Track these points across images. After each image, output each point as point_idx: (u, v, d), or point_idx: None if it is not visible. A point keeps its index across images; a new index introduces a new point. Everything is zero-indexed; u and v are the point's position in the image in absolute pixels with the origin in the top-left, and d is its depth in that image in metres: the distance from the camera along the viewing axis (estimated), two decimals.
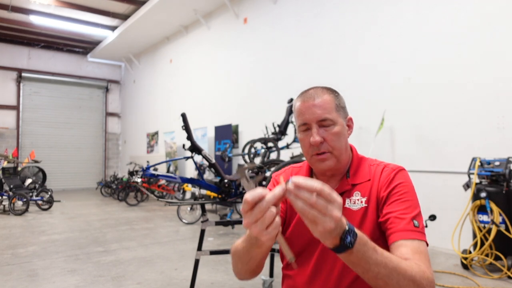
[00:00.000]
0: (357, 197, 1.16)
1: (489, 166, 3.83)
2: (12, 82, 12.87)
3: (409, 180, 1.16)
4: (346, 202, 1.16)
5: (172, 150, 10.60)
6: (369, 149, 5.15)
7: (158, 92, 12.18)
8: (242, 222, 3.66)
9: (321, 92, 1.17)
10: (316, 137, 1.12)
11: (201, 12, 9.38)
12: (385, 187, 1.14)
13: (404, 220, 1.06)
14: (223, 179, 4.13)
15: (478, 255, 3.67)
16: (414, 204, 1.11)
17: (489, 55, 4.32)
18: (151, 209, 8.47)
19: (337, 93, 1.21)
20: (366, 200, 1.15)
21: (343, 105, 1.20)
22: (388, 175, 1.16)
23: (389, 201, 1.11)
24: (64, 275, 3.73)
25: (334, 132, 1.14)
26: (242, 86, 8.33)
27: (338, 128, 1.14)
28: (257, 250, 1.01)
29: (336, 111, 1.15)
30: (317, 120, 1.13)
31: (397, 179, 1.14)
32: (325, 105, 1.14)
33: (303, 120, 1.16)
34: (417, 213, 1.09)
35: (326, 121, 1.13)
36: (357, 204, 1.15)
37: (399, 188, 1.12)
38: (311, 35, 6.62)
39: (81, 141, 14.23)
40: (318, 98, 1.14)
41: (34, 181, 9.61)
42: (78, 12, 10.19)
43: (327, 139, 1.14)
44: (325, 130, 1.14)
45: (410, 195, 1.12)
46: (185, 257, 4.39)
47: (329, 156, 1.15)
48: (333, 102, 1.15)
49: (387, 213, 1.10)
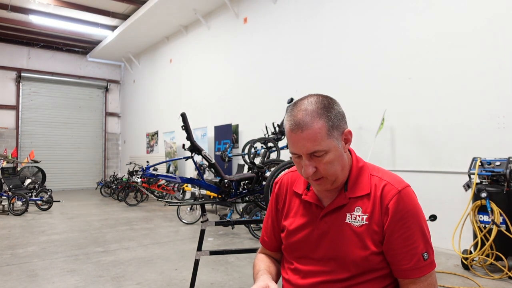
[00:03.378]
0: (358, 212, 1.13)
1: (489, 166, 3.83)
2: (12, 82, 12.86)
3: (414, 202, 1.11)
4: (347, 217, 1.14)
5: (172, 150, 10.58)
6: (369, 149, 5.14)
7: (158, 92, 12.17)
8: (242, 222, 3.67)
9: (310, 118, 1.06)
10: (308, 169, 1.09)
11: (201, 12, 9.37)
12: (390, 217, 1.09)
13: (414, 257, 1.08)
14: (223, 179, 4.12)
15: (478, 255, 3.66)
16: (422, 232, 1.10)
17: (490, 55, 4.31)
18: (151, 209, 8.46)
19: (330, 109, 1.09)
20: (367, 217, 1.12)
21: (337, 123, 1.09)
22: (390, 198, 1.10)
23: (396, 234, 1.09)
24: (63, 275, 3.72)
25: (326, 161, 1.09)
26: (242, 86, 8.32)
27: (331, 156, 1.09)
28: None
29: (328, 137, 1.07)
30: (307, 153, 1.08)
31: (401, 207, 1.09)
32: (315, 136, 1.05)
33: (293, 151, 1.11)
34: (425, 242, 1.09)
35: (317, 152, 1.08)
36: (358, 220, 1.13)
37: (405, 220, 1.08)
38: (311, 35, 6.62)
39: (81, 141, 14.21)
40: (307, 129, 1.05)
41: (33, 181, 9.58)
42: (78, 11, 10.18)
43: (320, 169, 1.10)
44: (317, 159, 1.09)
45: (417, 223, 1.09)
46: (185, 257, 4.38)
47: (324, 180, 1.12)
48: (323, 129, 1.06)
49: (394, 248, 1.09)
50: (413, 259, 1.07)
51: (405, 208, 1.09)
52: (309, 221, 1.20)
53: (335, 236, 1.14)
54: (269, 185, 3.64)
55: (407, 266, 1.08)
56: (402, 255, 1.08)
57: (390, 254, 1.10)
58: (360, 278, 1.11)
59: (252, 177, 4.18)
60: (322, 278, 1.14)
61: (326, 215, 1.17)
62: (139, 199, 9.31)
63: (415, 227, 1.08)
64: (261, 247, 1.41)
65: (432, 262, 1.09)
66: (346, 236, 1.12)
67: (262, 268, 1.26)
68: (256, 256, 1.38)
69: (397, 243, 1.08)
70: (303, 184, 1.26)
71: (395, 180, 1.14)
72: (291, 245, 1.23)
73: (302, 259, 1.19)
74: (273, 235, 1.34)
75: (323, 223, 1.17)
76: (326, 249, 1.15)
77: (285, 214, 1.28)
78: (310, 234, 1.18)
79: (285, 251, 1.27)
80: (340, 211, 1.15)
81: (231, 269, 3.89)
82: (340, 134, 1.10)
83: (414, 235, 1.08)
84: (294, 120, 1.08)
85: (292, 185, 1.30)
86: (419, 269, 1.07)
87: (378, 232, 1.10)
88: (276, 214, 1.33)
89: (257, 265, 1.31)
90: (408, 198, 1.10)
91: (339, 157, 1.11)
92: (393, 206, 1.09)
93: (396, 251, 1.09)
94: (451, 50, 4.66)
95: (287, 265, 1.25)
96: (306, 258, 1.18)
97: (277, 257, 1.36)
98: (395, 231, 1.08)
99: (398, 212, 1.08)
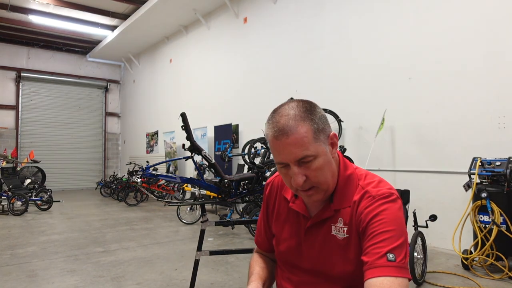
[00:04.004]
0: (341, 224, 1.08)
1: (490, 166, 3.82)
2: (11, 81, 12.85)
3: (393, 207, 1.01)
4: (332, 229, 1.09)
5: (172, 150, 10.58)
6: (369, 149, 5.14)
7: (157, 92, 12.17)
8: (242, 222, 3.67)
9: (294, 122, 0.98)
10: (298, 178, 1.01)
11: (201, 11, 9.36)
12: (363, 221, 1.02)
13: (377, 254, 0.94)
14: (223, 179, 4.12)
15: (479, 255, 3.65)
16: (396, 235, 0.96)
17: (490, 55, 4.31)
18: (150, 209, 8.46)
19: (313, 112, 1.02)
20: (347, 230, 1.06)
21: (322, 126, 1.02)
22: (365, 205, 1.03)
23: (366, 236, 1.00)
24: (63, 275, 3.71)
25: (316, 167, 1.01)
26: (242, 86, 8.32)
27: (320, 160, 1.01)
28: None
29: (315, 141, 0.99)
30: (295, 160, 1.00)
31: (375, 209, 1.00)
32: (302, 140, 0.98)
33: (280, 160, 1.02)
34: (397, 245, 0.95)
35: (306, 158, 0.99)
36: (340, 232, 1.08)
37: (376, 219, 0.99)
38: (311, 35, 6.61)
39: (81, 141, 14.20)
40: (292, 134, 0.97)
41: (33, 181, 9.58)
42: (78, 11, 10.17)
43: (310, 176, 1.01)
44: (306, 167, 1.01)
45: (390, 224, 0.97)
46: (185, 257, 4.37)
47: (316, 190, 1.05)
48: (310, 132, 0.99)
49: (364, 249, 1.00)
50: (374, 257, 0.95)
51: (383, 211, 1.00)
52: (296, 231, 1.17)
53: (321, 248, 1.11)
54: None
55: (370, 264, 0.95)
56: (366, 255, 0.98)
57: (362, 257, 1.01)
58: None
59: (252, 177, 4.17)
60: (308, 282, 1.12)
61: (312, 226, 1.13)
62: (139, 199, 9.31)
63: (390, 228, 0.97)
64: (256, 247, 1.40)
65: (401, 268, 0.93)
66: (331, 249, 1.09)
67: (254, 273, 1.24)
68: (252, 257, 1.37)
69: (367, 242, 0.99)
70: None
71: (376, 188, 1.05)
72: (281, 254, 1.21)
73: (293, 269, 1.18)
74: (265, 237, 1.33)
75: (309, 235, 1.13)
76: (313, 261, 1.12)
77: (275, 218, 1.25)
78: (298, 245, 1.16)
79: (277, 258, 1.25)
80: (325, 223, 1.11)
81: (231, 269, 3.89)
82: (326, 137, 1.04)
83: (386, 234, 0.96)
84: (277, 126, 1.00)
85: (282, 189, 1.25)
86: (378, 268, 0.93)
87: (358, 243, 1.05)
88: (267, 218, 1.30)
89: (251, 267, 1.30)
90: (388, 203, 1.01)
91: (328, 162, 1.04)
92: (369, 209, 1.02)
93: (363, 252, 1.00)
94: (451, 50, 4.65)
95: (281, 272, 1.23)
96: (296, 268, 1.17)
97: (272, 257, 1.35)
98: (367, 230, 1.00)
99: (373, 212, 1.00)
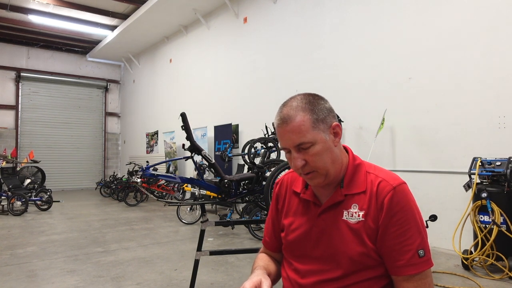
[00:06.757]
0: (355, 209, 1.14)
1: (490, 166, 3.82)
2: (11, 81, 12.84)
3: (410, 199, 1.11)
4: (344, 214, 1.15)
5: (172, 150, 10.58)
6: (369, 149, 5.14)
7: (157, 92, 12.16)
8: (242, 222, 3.67)
9: (294, 112, 1.10)
10: (297, 162, 1.12)
11: (201, 11, 9.36)
12: (384, 213, 1.09)
13: (409, 253, 1.06)
14: (223, 179, 4.11)
15: (479, 255, 3.65)
16: (418, 229, 1.08)
17: (490, 55, 4.31)
18: (150, 210, 8.46)
19: (314, 103, 1.13)
20: (363, 214, 1.12)
21: (322, 117, 1.12)
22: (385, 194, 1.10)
23: (390, 230, 1.08)
24: (63, 275, 3.71)
25: (314, 153, 1.10)
26: (242, 86, 8.31)
27: (318, 147, 1.10)
28: None
29: (313, 129, 1.09)
30: (293, 145, 1.11)
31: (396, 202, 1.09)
32: (299, 128, 1.09)
33: (282, 145, 1.15)
34: (421, 239, 1.08)
35: (304, 144, 1.10)
36: (354, 217, 1.14)
37: (400, 215, 1.08)
38: (311, 35, 6.61)
39: (81, 141, 14.20)
40: (291, 122, 1.10)
41: (33, 181, 9.56)
42: (77, 11, 10.17)
43: (309, 161, 1.11)
44: (305, 152, 1.11)
45: (412, 219, 1.09)
46: (184, 257, 4.37)
47: (315, 174, 1.14)
48: (308, 122, 1.09)
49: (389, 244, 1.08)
50: (407, 255, 1.06)
51: (400, 204, 1.08)
52: (308, 219, 1.22)
53: (332, 233, 1.15)
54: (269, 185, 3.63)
55: (401, 262, 1.06)
56: (396, 251, 1.07)
57: (385, 251, 1.09)
58: (358, 277, 1.11)
59: (252, 177, 4.17)
60: (321, 277, 1.15)
61: (323, 212, 1.19)
62: (139, 199, 9.30)
63: (411, 223, 1.08)
64: (262, 247, 1.44)
65: (429, 260, 1.08)
66: (342, 233, 1.14)
67: (259, 265, 1.30)
68: (257, 255, 1.42)
69: (391, 238, 1.08)
70: (302, 183, 1.28)
71: (391, 177, 1.14)
72: (290, 244, 1.24)
73: (301, 258, 1.21)
74: (273, 236, 1.37)
75: (321, 221, 1.18)
76: (324, 247, 1.16)
77: (285, 213, 1.31)
78: (309, 232, 1.20)
79: (285, 250, 1.29)
80: (337, 208, 1.17)
81: (231, 269, 3.89)
82: (328, 127, 1.12)
83: (409, 231, 1.07)
84: (280, 116, 1.13)
85: (292, 185, 1.33)
86: (414, 265, 1.06)
87: (374, 228, 1.10)
88: (276, 215, 1.36)
89: (255, 262, 1.34)
90: (403, 194, 1.10)
91: (327, 149, 1.12)
92: (388, 201, 1.09)
93: (390, 247, 1.08)
94: (451, 50, 4.65)
95: (287, 265, 1.27)
96: (305, 257, 1.20)
97: (277, 258, 1.38)
98: (390, 226, 1.08)
99: (393, 207, 1.08)
